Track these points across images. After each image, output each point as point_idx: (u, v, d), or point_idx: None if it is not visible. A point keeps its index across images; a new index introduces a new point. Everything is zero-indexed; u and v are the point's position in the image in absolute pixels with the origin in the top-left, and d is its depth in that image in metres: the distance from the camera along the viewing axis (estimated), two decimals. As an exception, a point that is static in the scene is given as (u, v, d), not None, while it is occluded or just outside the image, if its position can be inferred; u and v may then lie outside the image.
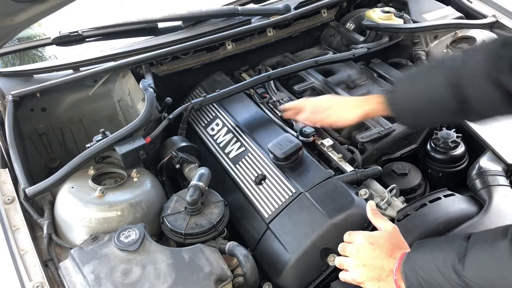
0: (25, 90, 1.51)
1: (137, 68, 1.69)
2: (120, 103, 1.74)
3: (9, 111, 1.43)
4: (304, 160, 1.31)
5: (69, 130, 1.69)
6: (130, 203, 1.19)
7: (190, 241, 1.13)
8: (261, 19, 1.90)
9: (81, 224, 1.15)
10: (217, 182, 1.31)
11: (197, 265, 1.03)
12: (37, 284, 1.03)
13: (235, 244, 1.12)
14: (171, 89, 1.74)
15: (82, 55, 1.69)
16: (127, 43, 1.79)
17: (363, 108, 1.21)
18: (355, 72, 1.77)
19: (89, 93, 1.68)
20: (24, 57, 2.21)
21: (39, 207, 1.26)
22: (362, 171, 1.27)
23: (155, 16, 1.82)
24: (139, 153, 1.31)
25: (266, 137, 1.40)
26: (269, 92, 1.65)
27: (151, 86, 1.51)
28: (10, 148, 1.33)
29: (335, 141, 1.42)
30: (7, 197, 1.22)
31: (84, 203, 1.17)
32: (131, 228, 1.09)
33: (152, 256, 1.05)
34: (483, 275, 0.75)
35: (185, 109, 1.53)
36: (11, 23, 1.14)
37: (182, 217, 1.18)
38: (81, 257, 1.05)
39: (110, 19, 1.80)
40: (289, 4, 1.93)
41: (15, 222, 1.16)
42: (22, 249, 1.10)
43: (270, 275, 1.17)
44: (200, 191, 1.19)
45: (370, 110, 1.20)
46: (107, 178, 1.32)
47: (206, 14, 1.85)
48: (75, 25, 1.74)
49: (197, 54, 1.78)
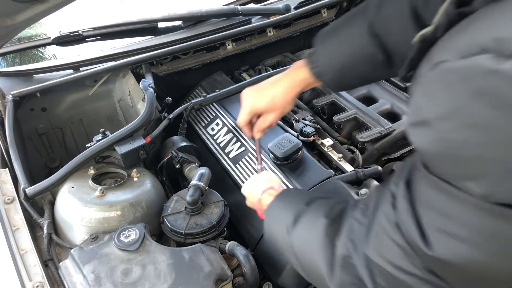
0: (25, 90, 1.51)
1: (137, 68, 1.69)
2: (120, 103, 1.74)
3: (9, 111, 1.43)
4: (304, 160, 1.31)
5: (69, 130, 1.69)
6: (130, 203, 1.19)
7: (190, 241, 1.14)
8: (261, 19, 1.91)
9: (81, 224, 1.15)
10: (217, 182, 1.31)
11: (197, 265, 1.03)
12: (37, 284, 1.03)
13: (235, 244, 1.12)
14: (171, 89, 1.75)
15: (82, 55, 1.69)
16: (127, 43, 1.79)
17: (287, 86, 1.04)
18: (355, 72, 1.77)
19: (89, 93, 1.68)
20: (24, 57, 2.21)
21: (39, 207, 1.26)
22: (362, 171, 1.27)
23: (155, 16, 1.82)
24: (139, 153, 1.31)
25: (266, 137, 1.38)
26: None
27: (151, 86, 1.51)
28: (10, 148, 1.33)
29: (335, 141, 1.42)
30: (7, 197, 1.22)
31: (84, 203, 1.17)
32: (131, 228, 1.10)
33: (152, 256, 1.05)
34: (302, 244, 0.78)
35: (185, 109, 1.53)
36: (12, 23, 1.14)
37: (182, 217, 1.18)
38: (81, 257, 1.05)
39: (110, 18, 1.80)
40: (289, 4, 1.93)
41: (15, 222, 1.16)
42: (22, 249, 1.10)
43: (270, 275, 1.17)
44: (200, 191, 1.19)
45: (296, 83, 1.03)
46: (107, 178, 1.32)
47: (206, 14, 1.85)
48: (75, 25, 1.74)
49: (197, 54, 1.78)
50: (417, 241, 0.53)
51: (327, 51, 0.96)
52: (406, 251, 0.55)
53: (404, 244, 0.55)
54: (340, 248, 0.69)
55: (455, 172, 0.48)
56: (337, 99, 1.58)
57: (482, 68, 0.41)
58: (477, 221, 0.46)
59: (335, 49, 0.95)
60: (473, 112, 0.42)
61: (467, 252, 0.48)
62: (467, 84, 0.42)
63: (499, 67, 0.39)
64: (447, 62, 0.45)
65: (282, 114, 1.08)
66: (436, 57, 0.47)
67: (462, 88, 0.43)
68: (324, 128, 1.49)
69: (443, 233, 0.50)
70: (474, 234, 0.47)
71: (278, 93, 1.04)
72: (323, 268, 0.71)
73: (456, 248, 0.49)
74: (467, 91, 0.42)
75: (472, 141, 0.43)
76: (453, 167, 0.47)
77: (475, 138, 0.43)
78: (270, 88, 1.06)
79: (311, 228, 0.76)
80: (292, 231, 0.80)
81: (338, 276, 0.68)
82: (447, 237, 0.50)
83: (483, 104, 0.41)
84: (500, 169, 0.42)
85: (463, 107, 0.43)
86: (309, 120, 1.47)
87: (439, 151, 0.48)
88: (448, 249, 0.50)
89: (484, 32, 0.42)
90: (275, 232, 0.88)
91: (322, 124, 1.51)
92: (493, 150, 0.42)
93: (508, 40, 0.40)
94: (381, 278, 0.62)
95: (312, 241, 0.74)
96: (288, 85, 1.04)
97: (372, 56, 0.90)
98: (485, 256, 0.48)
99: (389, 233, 0.58)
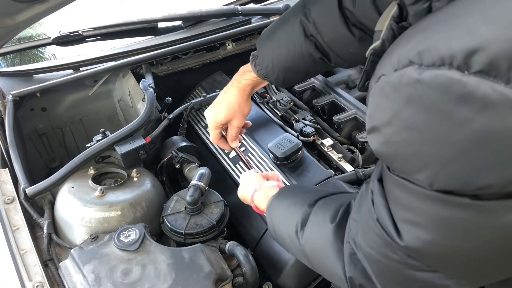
0: (25, 90, 1.51)
1: (137, 68, 1.69)
2: (120, 103, 1.74)
3: (9, 111, 1.43)
4: (304, 160, 1.31)
5: (69, 130, 1.69)
6: (130, 203, 1.19)
7: (190, 241, 1.14)
8: (261, 19, 1.91)
9: (81, 224, 1.15)
10: (217, 182, 1.31)
11: (197, 265, 1.03)
12: (37, 284, 1.03)
13: (235, 244, 1.12)
14: (171, 89, 1.75)
15: (82, 55, 1.69)
16: (127, 43, 1.79)
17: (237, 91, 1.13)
18: (355, 72, 1.78)
19: (89, 93, 1.68)
20: (24, 57, 2.21)
21: (39, 207, 1.26)
22: (362, 171, 1.27)
23: (155, 16, 1.82)
24: (139, 153, 1.31)
25: (266, 137, 1.40)
26: (269, 92, 1.65)
27: (151, 86, 1.51)
28: (10, 148, 1.33)
29: (335, 141, 1.42)
30: (7, 197, 1.22)
31: (84, 203, 1.17)
32: (131, 228, 1.10)
33: (152, 256, 1.05)
34: (313, 249, 0.81)
35: (185, 109, 1.53)
36: (12, 22, 1.14)
37: (182, 217, 1.18)
38: (81, 257, 1.05)
39: (110, 18, 1.80)
40: (289, 4, 1.93)
41: (15, 222, 1.16)
42: (22, 249, 1.10)
43: (270, 275, 1.17)
44: (200, 191, 1.19)
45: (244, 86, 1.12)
46: (107, 178, 1.32)
47: (206, 14, 1.85)
48: (75, 25, 1.74)
49: (197, 54, 1.78)
50: (392, 233, 0.59)
51: (269, 53, 1.04)
52: (387, 241, 0.62)
53: (384, 236, 0.62)
54: (347, 248, 0.73)
55: (405, 168, 0.54)
56: (337, 99, 1.58)
57: (410, 78, 0.47)
58: (428, 208, 0.53)
59: (276, 50, 1.03)
60: (407, 116, 0.49)
61: (426, 236, 0.55)
62: (400, 93, 0.49)
63: (421, 76, 0.46)
64: (385, 75, 0.51)
65: (244, 116, 1.17)
66: (378, 72, 0.53)
67: (397, 96, 0.49)
68: (324, 128, 1.49)
69: (407, 223, 0.57)
70: (428, 219, 0.54)
71: (231, 99, 1.14)
72: (340, 271, 0.75)
73: (417, 234, 0.56)
74: (400, 99, 0.49)
75: (410, 141, 0.50)
76: (402, 164, 0.54)
77: (412, 137, 0.50)
78: (223, 98, 1.15)
79: (320, 233, 0.79)
80: (301, 236, 0.82)
81: (352, 274, 0.73)
82: (410, 226, 0.57)
83: (414, 109, 0.48)
84: (436, 162, 0.49)
85: (399, 112, 0.49)
86: (309, 120, 1.47)
87: (388, 152, 0.55)
88: (412, 237, 0.56)
89: (411, 46, 0.48)
90: (282, 234, 0.89)
91: (322, 124, 1.51)
92: (427, 146, 0.49)
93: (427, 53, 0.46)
94: (373, 266, 0.68)
95: (324, 247, 0.78)
96: (238, 89, 1.13)
97: (311, 55, 1.00)
98: (439, 237, 0.54)
99: (372, 226, 0.64)
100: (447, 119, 0.45)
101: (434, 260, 0.59)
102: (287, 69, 1.04)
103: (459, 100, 0.44)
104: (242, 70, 1.13)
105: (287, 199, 0.92)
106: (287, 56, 1.01)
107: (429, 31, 0.48)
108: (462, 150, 0.46)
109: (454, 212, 0.51)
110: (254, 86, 1.14)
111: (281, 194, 0.95)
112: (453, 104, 0.44)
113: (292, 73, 1.05)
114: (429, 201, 0.52)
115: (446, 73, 0.44)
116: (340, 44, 0.97)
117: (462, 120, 0.44)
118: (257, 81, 1.12)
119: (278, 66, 1.03)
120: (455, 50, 0.43)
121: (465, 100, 0.43)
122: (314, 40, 0.98)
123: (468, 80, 0.43)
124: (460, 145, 0.46)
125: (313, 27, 0.97)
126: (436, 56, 0.45)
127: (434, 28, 0.48)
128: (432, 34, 0.47)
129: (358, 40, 0.94)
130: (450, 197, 0.50)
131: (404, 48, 0.50)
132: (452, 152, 0.47)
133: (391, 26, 0.57)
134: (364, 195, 0.69)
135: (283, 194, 0.95)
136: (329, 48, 0.98)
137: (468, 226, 0.51)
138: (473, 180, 0.47)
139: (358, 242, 0.69)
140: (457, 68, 0.43)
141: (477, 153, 0.45)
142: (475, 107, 0.43)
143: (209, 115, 1.17)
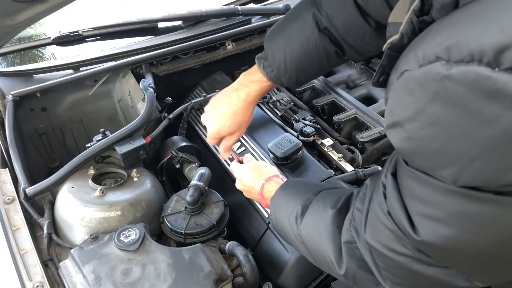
0: (25, 90, 1.51)
1: (137, 68, 1.69)
2: (120, 103, 1.74)
3: (9, 111, 1.43)
4: (304, 160, 1.31)
5: (69, 130, 1.69)
6: (130, 203, 1.19)
7: (190, 241, 1.14)
8: (261, 19, 1.91)
9: (81, 224, 1.15)
10: (217, 182, 1.31)
11: (197, 265, 1.03)
12: (37, 284, 1.03)
13: (235, 244, 1.12)
14: (171, 89, 1.75)
15: (82, 55, 1.69)
16: (127, 43, 1.79)
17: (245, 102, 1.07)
18: (355, 72, 1.77)
19: (89, 93, 1.68)
20: (24, 57, 2.21)
21: (39, 207, 1.26)
22: (362, 171, 1.27)
23: (155, 16, 1.82)
24: (139, 153, 1.31)
25: (266, 137, 1.40)
26: (269, 92, 1.65)
27: (151, 86, 1.51)
28: (10, 148, 1.33)
29: (335, 141, 1.42)
30: (7, 197, 1.22)
31: (84, 203, 1.17)
32: (131, 228, 1.10)
33: (152, 256, 1.05)
34: (311, 234, 0.82)
35: (185, 109, 1.53)
36: (12, 22, 1.14)
37: (182, 217, 1.18)
38: (81, 256, 1.05)
39: (110, 18, 1.80)
40: (289, 4, 1.93)
41: (15, 222, 1.16)
42: (22, 249, 1.10)
43: (270, 275, 1.17)
44: (200, 191, 1.19)
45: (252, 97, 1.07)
46: (107, 178, 1.32)
47: (206, 14, 1.85)
48: (75, 25, 1.74)
49: (197, 54, 1.78)
50: (406, 227, 0.59)
51: (280, 52, 0.99)
52: (398, 235, 0.61)
53: (395, 229, 0.62)
54: (345, 235, 0.74)
55: (427, 164, 0.54)
56: (337, 99, 1.58)
57: (437, 74, 0.47)
58: (450, 203, 0.53)
59: (288, 48, 0.98)
60: (433, 113, 0.48)
61: (445, 231, 0.55)
62: (426, 89, 0.48)
63: (449, 72, 0.45)
64: (409, 71, 0.51)
65: (245, 128, 1.13)
66: (401, 67, 0.53)
67: (422, 92, 0.49)
68: (324, 128, 1.49)
69: (425, 218, 0.57)
70: (448, 214, 0.54)
71: (239, 112, 1.07)
72: (332, 256, 0.76)
73: (436, 229, 0.55)
74: (426, 95, 0.48)
75: (435, 137, 0.50)
76: (425, 160, 0.54)
77: (437, 134, 0.49)
78: (228, 108, 1.07)
79: (319, 218, 0.80)
80: (301, 221, 0.83)
81: (345, 262, 0.73)
82: (428, 221, 0.56)
83: (440, 105, 0.47)
84: (460, 159, 0.48)
85: (425, 109, 0.49)
86: (309, 120, 1.47)
87: (411, 148, 0.55)
88: (430, 231, 0.56)
89: (438, 42, 0.48)
90: (282, 221, 0.90)
91: (322, 124, 1.51)
92: (452, 143, 0.48)
93: (455, 48, 0.45)
94: (379, 259, 0.68)
95: (321, 231, 0.79)
96: (245, 102, 1.06)
97: (325, 48, 0.97)
98: (458, 232, 0.54)
99: (382, 219, 0.64)
100: (474, 116, 0.45)
101: (448, 256, 0.59)
102: (300, 67, 1.00)
103: (489, 97, 0.43)
104: (248, 79, 1.06)
105: (291, 189, 0.93)
106: (300, 53, 0.98)
107: (458, 26, 0.47)
108: (488, 148, 0.45)
109: (475, 207, 0.50)
110: (261, 95, 1.09)
111: (287, 185, 0.96)
112: (482, 101, 0.44)
113: (305, 70, 1.01)
114: (451, 196, 0.52)
115: (475, 69, 0.43)
116: (355, 35, 0.95)
117: (490, 117, 0.44)
118: (266, 89, 1.07)
119: (291, 64, 0.99)
120: (486, 46, 0.43)
121: (495, 97, 0.43)
122: (328, 33, 0.96)
123: (499, 76, 0.42)
124: (487, 142, 0.45)
125: (327, 20, 0.94)
126: (466, 52, 0.44)
127: (463, 24, 0.47)
128: (461, 30, 0.46)
129: (375, 29, 0.92)
130: (473, 192, 0.49)
131: (430, 44, 0.49)
132: (477, 149, 0.46)
133: (411, 20, 0.56)
134: (370, 187, 0.68)
135: (288, 185, 0.96)
136: (344, 41, 0.96)
137: (489, 222, 0.51)
138: (497, 178, 0.47)
139: (361, 233, 0.70)
140: (487, 64, 0.43)
141: (503, 151, 0.45)
142: (505, 104, 0.42)
143: (212, 125, 1.10)
